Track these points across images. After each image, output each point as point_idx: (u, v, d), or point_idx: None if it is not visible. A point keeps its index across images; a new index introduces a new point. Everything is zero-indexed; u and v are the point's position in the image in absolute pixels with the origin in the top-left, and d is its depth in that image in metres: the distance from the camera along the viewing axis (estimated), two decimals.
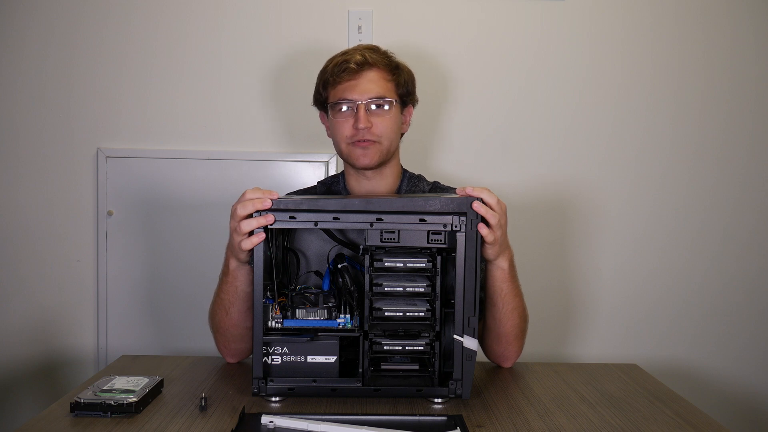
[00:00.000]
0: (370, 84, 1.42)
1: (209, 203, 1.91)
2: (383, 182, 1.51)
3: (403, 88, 1.48)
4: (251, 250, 1.19)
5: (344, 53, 1.45)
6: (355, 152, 1.44)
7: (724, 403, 2.02)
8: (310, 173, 1.92)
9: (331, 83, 1.44)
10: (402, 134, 1.53)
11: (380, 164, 1.46)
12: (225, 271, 1.32)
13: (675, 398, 1.26)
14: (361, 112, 1.41)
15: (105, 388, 1.17)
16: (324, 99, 1.48)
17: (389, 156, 1.47)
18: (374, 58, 1.43)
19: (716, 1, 1.96)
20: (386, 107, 1.43)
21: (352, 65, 1.41)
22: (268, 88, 1.93)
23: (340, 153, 1.48)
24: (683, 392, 1.35)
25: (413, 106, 1.55)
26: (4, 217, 1.92)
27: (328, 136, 1.52)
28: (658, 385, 1.34)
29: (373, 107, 1.42)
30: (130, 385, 1.18)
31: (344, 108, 1.43)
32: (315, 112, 1.56)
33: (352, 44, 1.86)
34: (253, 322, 1.34)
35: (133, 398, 1.12)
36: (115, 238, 1.91)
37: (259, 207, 1.16)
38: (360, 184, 1.51)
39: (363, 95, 1.42)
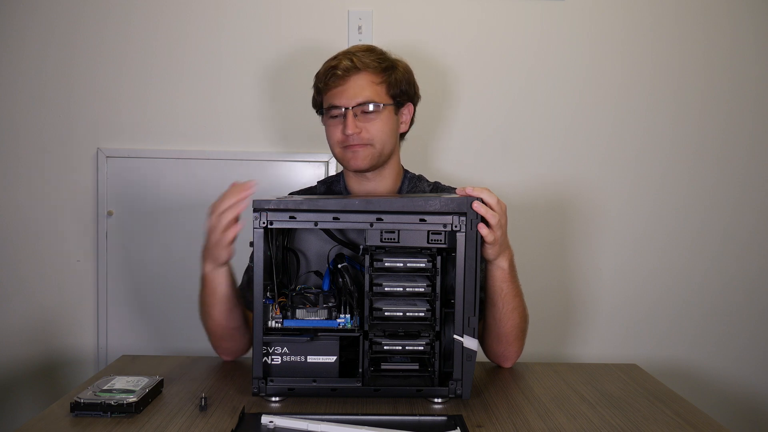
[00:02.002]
0: (358, 89, 1.42)
1: (209, 203, 1.89)
2: (383, 183, 1.50)
3: (396, 88, 1.46)
4: (231, 250, 1.25)
5: (334, 58, 1.46)
6: (347, 156, 1.44)
7: (724, 403, 2.02)
8: (310, 173, 1.92)
9: (322, 89, 1.46)
10: (403, 134, 1.53)
11: (374, 166, 1.46)
12: (202, 276, 1.33)
13: (675, 398, 1.26)
14: (349, 118, 1.41)
15: (105, 388, 1.17)
16: (319, 104, 1.50)
17: (384, 158, 1.47)
18: (363, 62, 1.43)
19: (716, 1, 1.96)
20: (375, 110, 1.43)
21: (339, 71, 1.42)
22: (268, 88, 1.93)
23: (335, 156, 1.49)
24: (683, 392, 1.35)
25: (414, 103, 1.53)
26: (4, 217, 1.92)
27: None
28: (658, 385, 1.34)
29: (364, 111, 1.43)
30: (130, 385, 1.18)
31: (335, 114, 1.44)
32: (314, 112, 1.56)
33: (352, 44, 1.86)
34: (238, 322, 1.36)
35: (133, 398, 1.12)
36: (115, 238, 1.91)
37: (238, 198, 1.22)
38: (360, 185, 1.51)
39: (350, 101, 1.42)
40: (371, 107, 1.42)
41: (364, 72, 1.43)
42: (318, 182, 1.61)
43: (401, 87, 1.47)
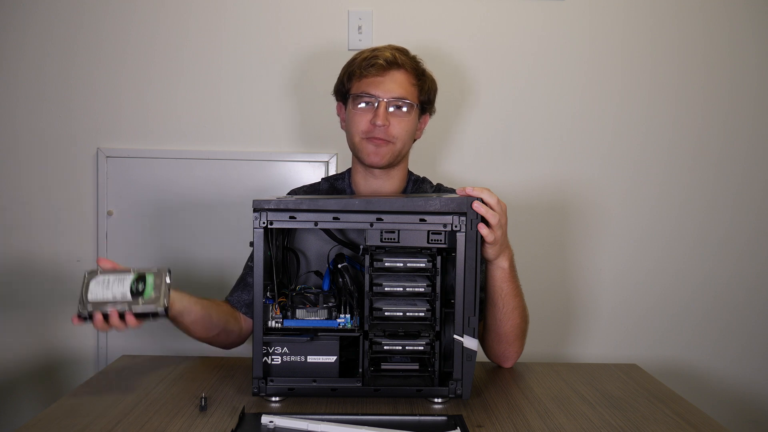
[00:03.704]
0: (395, 84, 1.43)
1: (209, 203, 1.91)
2: (390, 183, 1.50)
3: (425, 95, 1.48)
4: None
5: (374, 49, 1.46)
6: (367, 148, 1.44)
7: (724, 403, 2.02)
8: (310, 173, 1.91)
9: (356, 75, 1.44)
10: (414, 140, 1.53)
11: (389, 164, 1.46)
12: None
13: (675, 398, 1.27)
14: (381, 109, 1.41)
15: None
16: (346, 90, 1.48)
17: (399, 158, 1.48)
18: (403, 60, 1.44)
19: (716, 1, 1.96)
20: (406, 110, 1.44)
21: (381, 62, 1.42)
22: (267, 88, 1.92)
23: (352, 146, 1.48)
24: (683, 392, 1.35)
25: (430, 115, 1.55)
26: (5, 217, 1.92)
27: (342, 128, 1.52)
28: (658, 385, 1.34)
29: (394, 108, 1.43)
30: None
31: (365, 102, 1.43)
32: (315, 112, 1.56)
33: (352, 44, 1.87)
34: (221, 326, 1.37)
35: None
36: (115, 238, 1.91)
37: None
38: (367, 182, 1.50)
39: (386, 93, 1.42)
40: (405, 105, 1.43)
41: (403, 69, 1.44)
42: (322, 179, 1.61)
43: (429, 96, 1.50)
